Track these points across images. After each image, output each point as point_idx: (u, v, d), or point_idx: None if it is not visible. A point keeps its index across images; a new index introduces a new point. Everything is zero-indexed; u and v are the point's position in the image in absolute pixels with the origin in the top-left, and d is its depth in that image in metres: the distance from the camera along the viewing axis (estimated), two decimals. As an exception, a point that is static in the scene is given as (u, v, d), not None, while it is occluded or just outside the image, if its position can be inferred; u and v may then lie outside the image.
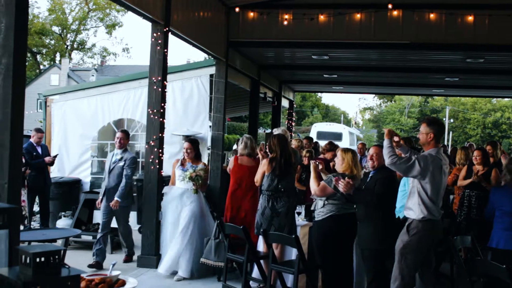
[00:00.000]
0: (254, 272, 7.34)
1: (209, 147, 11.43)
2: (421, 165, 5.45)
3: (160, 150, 8.24)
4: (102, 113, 11.90)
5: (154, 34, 8.22)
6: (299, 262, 6.15)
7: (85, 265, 7.81)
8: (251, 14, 10.91)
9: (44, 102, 12.48)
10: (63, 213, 9.90)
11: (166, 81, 8.41)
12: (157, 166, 8.17)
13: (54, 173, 11.54)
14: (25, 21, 4.77)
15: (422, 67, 13.73)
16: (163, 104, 8.28)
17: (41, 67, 56.45)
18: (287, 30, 10.82)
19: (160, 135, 8.24)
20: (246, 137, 8.29)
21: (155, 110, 8.20)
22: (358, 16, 10.46)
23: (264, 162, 7.11)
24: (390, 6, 10.20)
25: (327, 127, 35.11)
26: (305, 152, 10.02)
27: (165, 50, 8.26)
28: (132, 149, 13.03)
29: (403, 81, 17.05)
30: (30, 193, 10.19)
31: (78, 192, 11.25)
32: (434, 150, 5.61)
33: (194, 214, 7.74)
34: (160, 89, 8.19)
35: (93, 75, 54.20)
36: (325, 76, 16.21)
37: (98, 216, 9.46)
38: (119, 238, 9.48)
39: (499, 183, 7.96)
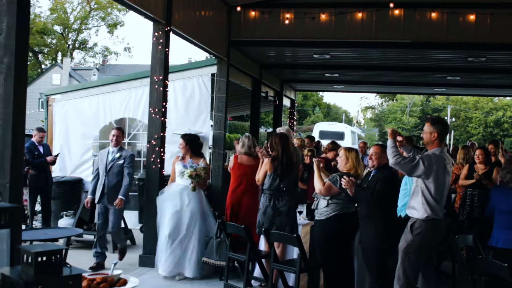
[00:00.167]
0: (256, 271, 7.35)
1: (211, 146, 11.44)
2: (425, 164, 5.44)
3: (162, 149, 8.24)
4: (103, 113, 11.91)
5: (156, 34, 8.22)
6: (301, 261, 6.15)
7: (86, 264, 7.82)
8: (253, 13, 10.90)
9: (45, 101, 12.49)
10: (64, 213, 9.90)
11: (168, 80, 8.41)
12: (159, 166, 8.17)
13: (55, 173, 11.56)
14: (27, 21, 4.77)
15: (424, 66, 13.72)
16: (164, 103, 8.28)
17: (43, 66, 56.51)
18: (289, 29, 10.81)
19: (162, 134, 8.24)
20: (245, 135, 8.29)
21: (156, 109, 8.20)
22: (360, 15, 10.45)
23: (266, 161, 7.11)
24: (391, 5, 10.17)
25: (329, 126, 35.19)
26: (306, 151, 10.01)
27: (167, 49, 8.27)
28: (134, 148, 13.04)
29: (404, 80, 17.04)
30: (32, 193, 10.22)
31: (80, 191, 11.26)
32: (438, 150, 5.60)
33: (195, 214, 7.66)
34: (161, 88, 8.19)
35: (94, 75, 54.24)
36: (326, 75, 16.19)
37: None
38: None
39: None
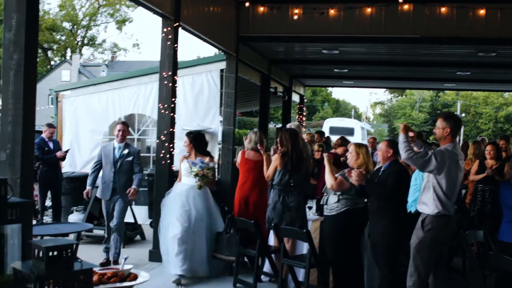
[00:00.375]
0: (266, 267, 7.36)
1: (220, 142, 11.44)
2: (437, 159, 5.41)
3: (171, 145, 8.25)
4: (113, 108, 11.95)
5: (165, 30, 8.22)
6: (311, 256, 6.15)
7: (97, 259, 7.85)
8: (261, 8, 10.87)
9: (55, 97, 12.55)
10: (75, 208, 9.94)
11: (177, 76, 8.42)
12: (168, 161, 8.18)
13: (65, 168, 11.61)
14: (36, 17, 4.78)
15: (433, 61, 13.64)
16: (173, 99, 8.29)
17: (52, 63, 56.74)
18: (297, 25, 10.76)
19: (171, 130, 8.25)
20: (253, 131, 8.26)
21: (165, 105, 8.21)
22: (369, 10, 10.39)
23: (275, 157, 7.11)
24: (400, 0, 10.12)
25: (339, 122, 35.24)
26: (317, 146, 9.98)
27: (176, 45, 8.26)
28: (143, 144, 13.09)
29: (414, 75, 16.96)
30: (42, 188, 10.28)
31: (90, 187, 11.28)
32: (450, 145, 5.56)
33: (202, 212, 7.50)
34: (170, 84, 8.20)
35: (103, 71, 54.39)
36: (335, 70, 16.14)
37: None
38: (130, 233, 9.54)
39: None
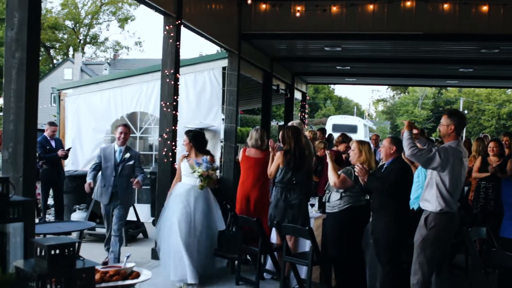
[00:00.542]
0: (268, 264, 7.36)
1: (222, 140, 11.44)
2: (441, 156, 5.39)
3: (173, 143, 8.25)
4: (115, 107, 11.95)
5: (166, 27, 8.22)
6: (313, 254, 6.15)
7: (99, 258, 7.85)
8: (263, 6, 10.86)
9: (57, 96, 12.56)
10: (77, 206, 9.95)
11: (179, 74, 8.42)
12: (170, 159, 8.18)
13: (68, 167, 11.62)
14: (38, 16, 4.78)
15: (436, 58, 13.61)
16: (176, 97, 8.28)
17: (55, 61, 56.83)
18: (300, 22, 10.75)
19: (173, 128, 8.25)
20: (254, 128, 8.26)
21: (168, 103, 8.21)
22: (371, 7, 10.37)
23: (278, 154, 7.09)
24: (403, -3, 10.12)
25: (343, 119, 35.36)
26: (318, 143, 9.97)
27: (178, 43, 8.26)
28: (145, 142, 13.08)
29: (416, 72, 16.95)
30: (44, 186, 10.30)
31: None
32: (454, 142, 5.54)
33: (204, 214, 7.24)
34: (172, 82, 8.20)
35: (106, 69, 54.44)
36: (338, 68, 16.13)
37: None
38: (132, 231, 9.55)
39: None
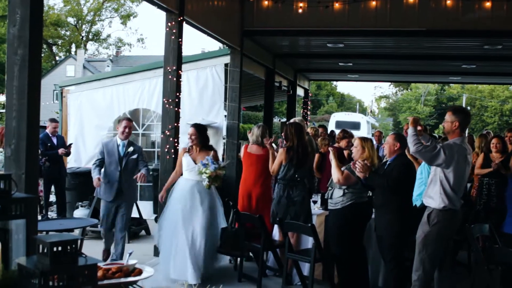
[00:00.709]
0: (270, 261, 7.36)
1: (225, 137, 11.44)
2: (446, 153, 5.38)
3: (176, 140, 8.25)
4: (117, 104, 11.96)
5: (169, 24, 8.20)
6: (316, 250, 6.14)
7: (101, 254, 7.86)
8: (266, 2, 10.83)
9: (60, 93, 12.57)
10: (80, 203, 9.96)
11: (181, 71, 8.40)
12: (173, 156, 8.17)
13: (70, 164, 11.64)
14: (41, 12, 4.77)
15: (439, 55, 13.57)
16: (178, 94, 8.27)
17: (57, 58, 56.85)
18: (302, 18, 10.73)
19: (176, 124, 8.24)
20: (257, 125, 8.24)
21: (170, 100, 8.20)
22: (374, 3, 10.34)
23: (280, 151, 7.09)
24: (405, -7, 10.08)
25: (346, 116, 35.43)
26: (322, 139, 9.96)
27: (180, 39, 8.25)
28: (148, 139, 13.08)
29: (419, 69, 16.90)
30: (45, 184, 10.30)
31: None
32: (459, 139, 5.53)
33: (208, 211, 7.12)
34: (175, 79, 8.19)
35: (108, 66, 54.46)
36: (340, 64, 16.09)
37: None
38: (135, 228, 9.55)
39: None
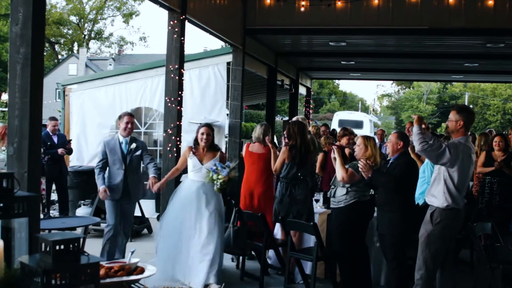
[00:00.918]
0: (272, 259, 7.36)
1: (227, 135, 11.45)
2: (451, 152, 5.35)
3: (178, 138, 8.25)
4: (119, 102, 11.97)
5: (171, 22, 8.21)
6: (318, 249, 6.14)
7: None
8: (268, 1, 10.82)
9: (62, 91, 12.59)
10: (82, 202, 9.97)
11: (183, 69, 8.41)
12: (175, 154, 8.18)
13: (73, 162, 11.65)
14: (43, 11, 4.77)
15: (441, 53, 13.57)
16: (180, 92, 8.28)
17: (59, 56, 56.89)
18: (304, 17, 10.72)
19: (178, 123, 8.25)
20: (260, 123, 8.24)
21: (172, 98, 8.21)
22: (376, 1, 10.32)
23: (283, 150, 7.07)
24: (408, -9, 10.07)
25: (349, 115, 35.47)
26: (325, 138, 9.97)
27: (182, 38, 8.25)
28: (150, 138, 13.09)
29: (421, 67, 16.89)
30: (47, 183, 10.29)
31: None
32: (463, 138, 5.50)
33: (215, 213, 6.74)
34: (177, 77, 8.19)
35: (110, 64, 54.45)
36: (342, 63, 16.10)
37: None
38: (137, 227, 9.56)
39: None
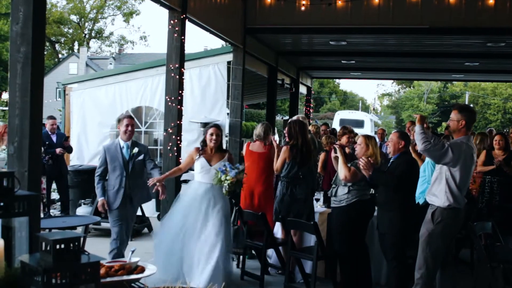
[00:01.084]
0: (273, 259, 7.36)
1: (227, 135, 11.45)
2: (454, 152, 5.35)
3: (178, 138, 8.25)
4: (120, 101, 11.97)
5: (171, 21, 8.21)
6: (318, 248, 6.14)
7: (104, 252, 7.84)
8: (268, 0, 10.83)
9: (63, 90, 12.60)
10: (82, 201, 9.98)
11: (184, 68, 8.41)
12: (175, 154, 8.19)
13: (73, 161, 11.65)
14: (43, 10, 4.77)
15: (442, 52, 13.56)
16: (180, 92, 8.28)
17: (60, 56, 56.91)
18: (305, 16, 10.71)
19: (178, 122, 8.25)
20: (261, 122, 8.23)
21: (172, 98, 8.21)
22: (376, 1, 10.31)
23: (284, 149, 7.07)
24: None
25: (350, 114, 35.56)
26: (327, 137, 9.97)
27: (183, 37, 8.25)
28: (150, 137, 13.09)
29: (422, 66, 16.89)
30: (46, 182, 10.29)
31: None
32: (465, 138, 5.49)
33: (222, 215, 6.49)
34: (177, 76, 8.19)
35: (111, 64, 54.45)
36: (343, 62, 16.10)
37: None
38: (137, 226, 9.56)
39: None
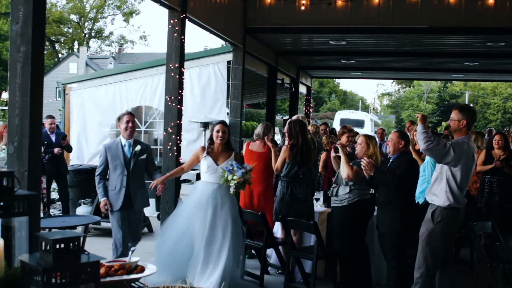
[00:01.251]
0: (273, 258, 7.36)
1: (227, 134, 11.45)
2: (455, 152, 5.34)
3: (178, 137, 8.25)
4: (120, 101, 11.98)
5: (171, 21, 8.20)
6: (318, 248, 6.14)
7: (104, 252, 7.83)
8: (268, 0, 10.83)
9: (62, 90, 12.61)
10: (82, 200, 9.98)
11: (184, 68, 8.41)
12: (175, 153, 8.18)
13: (73, 161, 11.65)
14: (43, 10, 4.77)
15: (441, 52, 13.55)
16: (180, 91, 8.28)
17: (60, 55, 56.93)
18: (305, 16, 10.70)
19: (178, 122, 8.24)
20: (262, 122, 8.23)
21: (172, 97, 8.20)
22: (376, 0, 10.31)
23: (284, 148, 7.06)
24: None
25: (350, 114, 35.65)
26: (326, 137, 9.97)
27: (182, 37, 8.24)
28: (150, 137, 13.09)
29: (422, 66, 16.89)
30: (46, 181, 10.28)
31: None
32: (466, 137, 5.49)
33: (229, 216, 6.39)
34: (177, 76, 8.19)
35: (111, 63, 54.47)
36: (343, 61, 16.09)
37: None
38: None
39: None
